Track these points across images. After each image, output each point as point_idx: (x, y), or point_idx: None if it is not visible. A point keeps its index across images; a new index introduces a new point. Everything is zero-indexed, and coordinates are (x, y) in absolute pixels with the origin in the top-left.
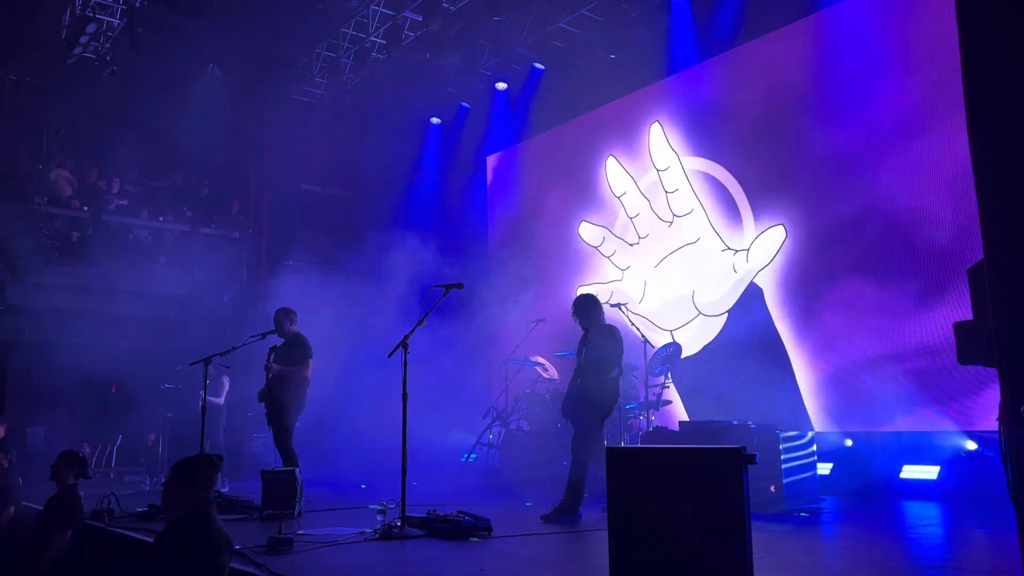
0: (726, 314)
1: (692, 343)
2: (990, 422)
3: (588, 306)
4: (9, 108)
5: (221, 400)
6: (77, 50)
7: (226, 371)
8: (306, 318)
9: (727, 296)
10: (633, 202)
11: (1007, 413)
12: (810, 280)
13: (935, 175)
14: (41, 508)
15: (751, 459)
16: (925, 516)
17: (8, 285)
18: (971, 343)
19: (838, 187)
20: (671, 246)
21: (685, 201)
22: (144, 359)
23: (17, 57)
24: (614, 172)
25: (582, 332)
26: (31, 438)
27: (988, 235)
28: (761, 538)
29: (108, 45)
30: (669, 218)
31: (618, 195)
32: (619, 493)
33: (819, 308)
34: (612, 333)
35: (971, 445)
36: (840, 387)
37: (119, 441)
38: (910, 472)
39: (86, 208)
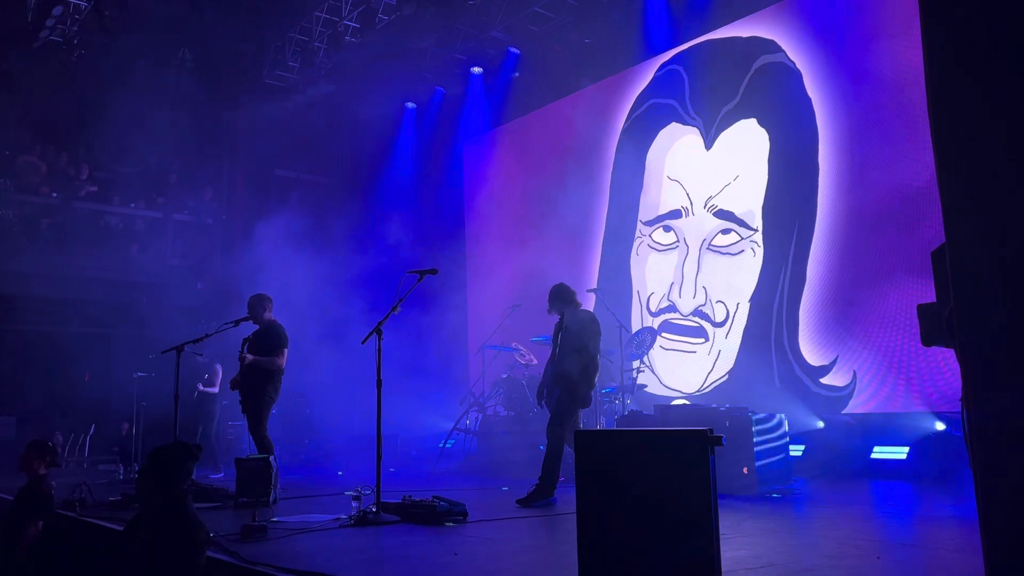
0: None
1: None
2: (957, 403)
3: (563, 294)
4: None
5: (216, 388)
6: (44, 33)
7: (216, 359)
8: (281, 305)
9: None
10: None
11: (968, 394)
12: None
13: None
14: (11, 499)
15: (717, 441)
16: (894, 496)
17: None
18: (933, 325)
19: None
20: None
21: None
22: (117, 347)
23: None
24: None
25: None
26: (2, 427)
27: (947, 219)
28: (731, 519)
29: (76, 28)
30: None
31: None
32: (587, 476)
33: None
34: (588, 318)
35: (940, 426)
36: (816, 368)
37: (92, 430)
38: (880, 453)
39: (55, 194)
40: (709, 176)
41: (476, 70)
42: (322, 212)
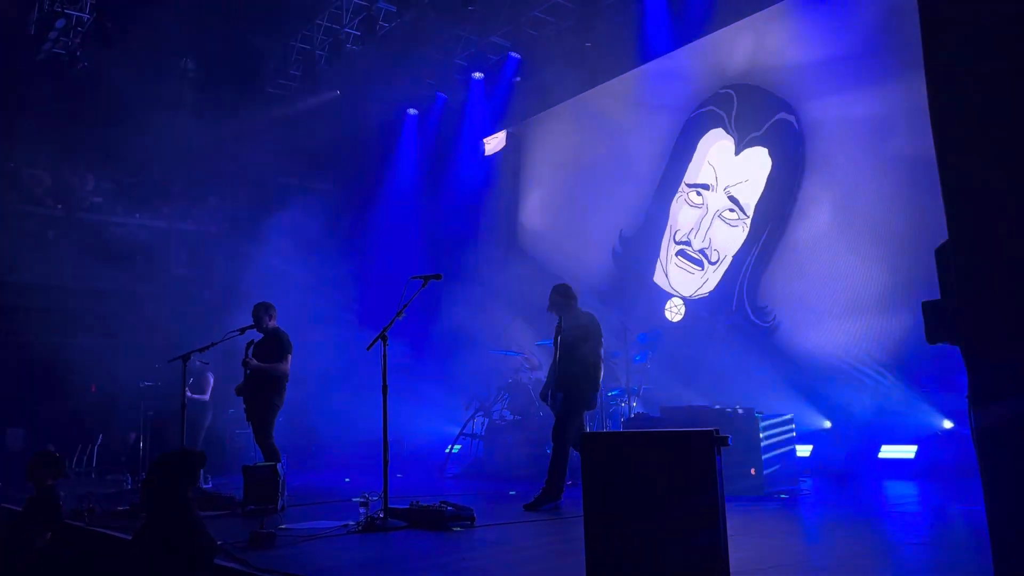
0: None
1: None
2: (965, 401)
3: (563, 296)
4: None
5: (207, 396)
6: (47, 46)
7: (207, 367)
8: (285, 312)
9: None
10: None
11: (973, 392)
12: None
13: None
14: (20, 509)
15: (723, 441)
16: (903, 494)
17: None
18: (938, 322)
19: (826, 170)
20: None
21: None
22: (123, 357)
23: None
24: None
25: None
26: (10, 438)
27: (952, 216)
28: (739, 520)
29: (78, 40)
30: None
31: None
32: (594, 478)
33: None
34: (589, 320)
35: (948, 424)
36: (819, 368)
37: (99, 440)
38: (888, 452)
39: (60, 206)
40: (731, 172)
41: (477, 75)
42: (325, 219)
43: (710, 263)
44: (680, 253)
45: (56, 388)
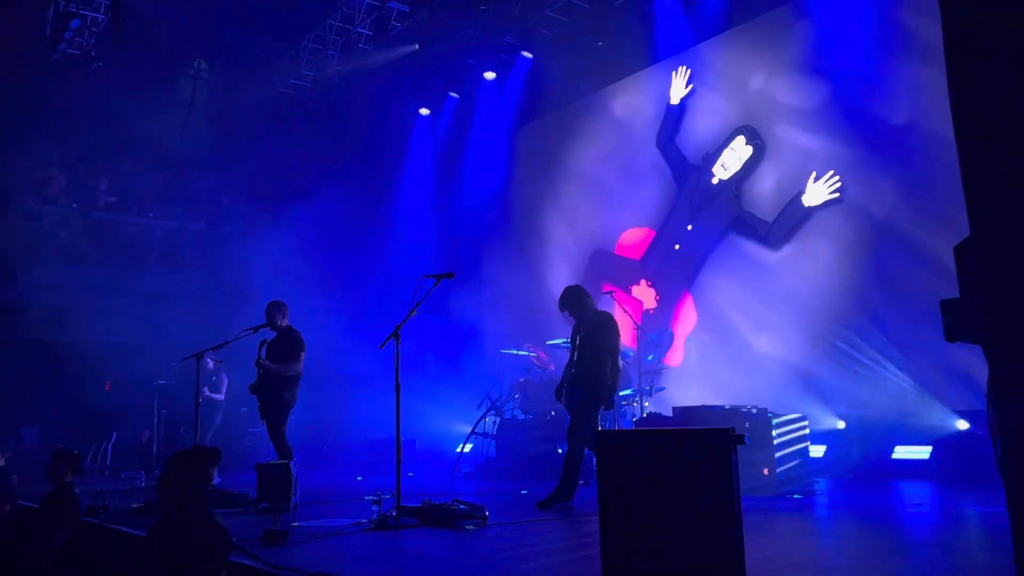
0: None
1: None
2: (981, 401)
3: (576, 297)
4: None
5: (221, 396)
6: (62, 46)
7: (221, 367)
8: (297, 311)
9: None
10: None
11: (993, 392)
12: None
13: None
14: (37, 506)
15: (740, 440)
16: (918, 495)
17: None
18: (958, 321)
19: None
20: None
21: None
22: (137, 356)
23: (1, 55)
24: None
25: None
26: (25, 436)
27: (974, 213)
28: (753, 520)
29: (93, 40)
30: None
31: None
32: (609, 477)
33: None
34: (606, 320)
35: (962, 424)
36: (833, 368)
37: (114, 438)
38: (902, 452)
39: (74, 205)
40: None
41: (489, 75)
42: (337, 218)
43: None
44: None
45: (70, 386)
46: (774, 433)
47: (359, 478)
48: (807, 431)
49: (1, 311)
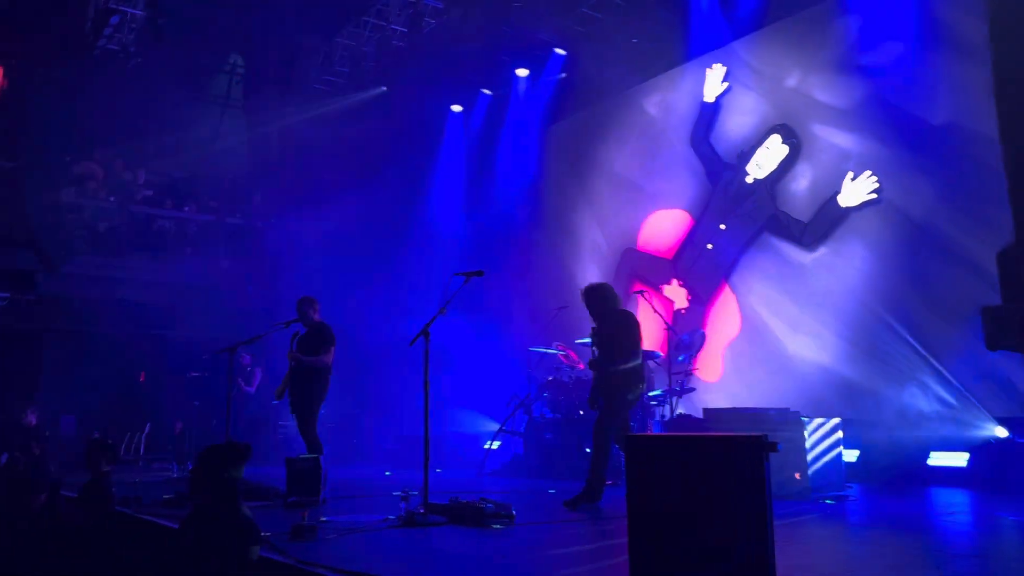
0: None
1: None
2: (1022, 408)
3: (598, 296)
4: (37, 101)
5: (253, 389)
6: (101, 42)
7: (255, 362)
8: (328, 307)
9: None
10: None
11: None
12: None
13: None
14: (74, 495)
15: (772, 447)
16: (954, 503)
17: (39, 275)
18: (1000, 328)
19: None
20: None
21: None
22: (171, 348)
23: (44, 51)
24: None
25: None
26: (63, 426)
27: (1020, 218)
28: (785, 526)
29: (132, 36)
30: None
31: None
32: (639, 482)
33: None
34: (626, 319)
35: (1002, 432)
36: (867, 371)
37: (147, 429)
38: (938, 459)
39: (112, 199)
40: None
41: (522, 72)
42: (369, 214)
43: None
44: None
45: (107, 377)
46: (806, 436)
47: (387, 472)
48: (840, 435)
49: (41, 302)
